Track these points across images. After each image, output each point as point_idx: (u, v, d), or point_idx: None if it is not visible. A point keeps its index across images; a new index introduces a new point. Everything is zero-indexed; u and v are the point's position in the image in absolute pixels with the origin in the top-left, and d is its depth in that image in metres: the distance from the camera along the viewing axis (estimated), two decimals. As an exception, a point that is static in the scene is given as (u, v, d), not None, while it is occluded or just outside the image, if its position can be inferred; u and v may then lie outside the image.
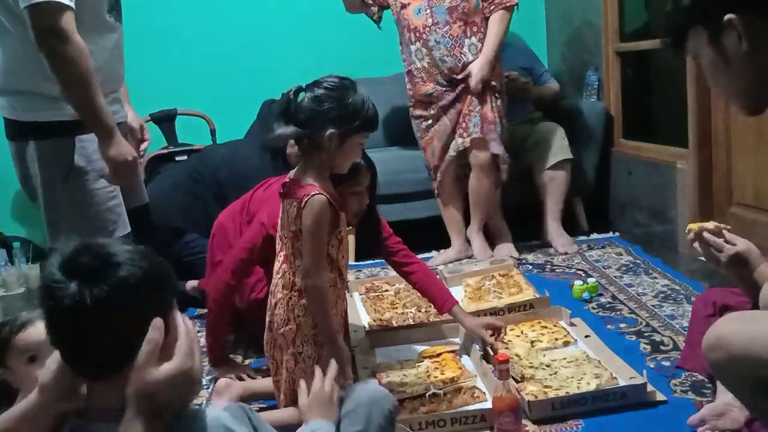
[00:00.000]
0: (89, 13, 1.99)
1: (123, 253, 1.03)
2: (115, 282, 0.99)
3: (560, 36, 4.29)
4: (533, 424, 1.87)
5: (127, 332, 1.00)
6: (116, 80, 2.16)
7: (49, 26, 1.85)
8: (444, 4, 3.11)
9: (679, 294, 2.71)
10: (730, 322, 1.35)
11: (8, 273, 3.24)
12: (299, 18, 4.17)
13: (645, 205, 3.51)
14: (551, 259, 3.32)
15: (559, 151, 3.45)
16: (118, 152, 2.00)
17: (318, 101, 1.78)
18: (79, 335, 1.01)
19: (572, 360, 2.15)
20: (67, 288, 0.98)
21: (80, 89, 1.92)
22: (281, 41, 4.20)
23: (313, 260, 1.82)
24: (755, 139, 2.83)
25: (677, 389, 1.98)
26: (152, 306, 1.03)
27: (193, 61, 4.18)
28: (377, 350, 2.38)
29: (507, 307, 2.58)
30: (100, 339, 1.00)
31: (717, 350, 1.30)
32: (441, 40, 3.13)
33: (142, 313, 1.01)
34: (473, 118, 3.19)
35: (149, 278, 1.03)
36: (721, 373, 1.36)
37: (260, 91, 4.04)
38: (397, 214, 3.34)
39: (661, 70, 3.79)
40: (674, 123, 3.42)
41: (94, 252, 1.02)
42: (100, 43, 2.04)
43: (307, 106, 1.79)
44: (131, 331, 1.00)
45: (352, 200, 2.06)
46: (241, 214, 2.54)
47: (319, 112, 1.78)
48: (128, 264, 1.01)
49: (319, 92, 1.79)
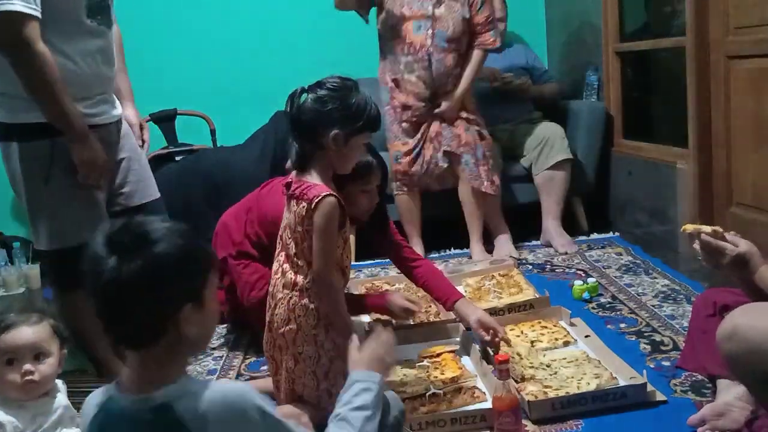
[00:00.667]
0: (65, 18, 2.00)
1: (161, 230, 1.09)
2: (150, 258, 1.06)
3: (560, 36, 4.29)
4: (533, 424, 1.86)
5: (162, 305, 1.07)
6: (102, 83, 2.16)
7: (12, 36, 1.87)
8: (447, 32, 3.22)
9: (679, 294, 2.71)
10: (747, 313, 1.35)
11: (8, 273, 3.24)
12: (300, 18, 4.17)
13: (645, 205, 3.51)
14: (551, 259, 3.32)
15: (559, 151, 3.46)
16: (88, 155, 2.03)
17: (321, 102, 1.78)
18: (117, 307, 1.07)
19: (572, 360, 2.15)
20: (107, 262, 1.05)
21: (46, 95, 1.95)
22: (281, 41, 4.21)
23: (325, 260, 1.82)
24: (755, 139, 2.84)
25: (677, 389, 1.98)
26: (186, 281, 1.10)
27: (193, 61, 4.18)
28: (377, 350, 2.38)
29: (507, 307, 2.58)
30: (134, 311, 1.07)
31: (732, 341, 1.30)
32: (437, 64, 3.24)
33: (176, 287, 1.08)
34: (446, 133, 3.29)
35: (184, 255, 1.09)
36: (734, 364, 1.35)
37: (260, 91, 4.05)
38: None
39: (661, 70, 3.79)
40: (674, 123, 3.43)
41: (133, 229, 1.09)
42: (81, 47, 2.05)
43: (311, 107, 1.79)
44: (166, 304, 1.08)
45: (363, 198, 2.07)
46: (247, 213, 2.55)
47: (322, 113, 1.78)
48: (164, 241, 1.08)
49: (322, 93, 1.79)
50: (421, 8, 3.23)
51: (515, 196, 3.62)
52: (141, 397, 1.09)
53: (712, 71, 3.03)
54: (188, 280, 1.10)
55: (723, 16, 2.95)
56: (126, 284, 1.05)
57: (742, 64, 2.89)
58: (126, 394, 1.12)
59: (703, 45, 3.02)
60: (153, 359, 1.10)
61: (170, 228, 1.10)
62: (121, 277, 1.04)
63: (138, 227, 1.09)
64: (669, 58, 3.55)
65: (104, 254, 1.06)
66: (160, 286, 1.07)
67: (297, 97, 1.81)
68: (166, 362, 1.11)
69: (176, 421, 1.07)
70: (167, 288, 1.07)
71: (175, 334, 1.09)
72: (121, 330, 1.09)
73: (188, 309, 1.09)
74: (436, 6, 3.23)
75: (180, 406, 1.07)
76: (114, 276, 1.05)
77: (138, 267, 1.05)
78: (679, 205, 3.21)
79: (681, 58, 3.17)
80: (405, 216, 3.46)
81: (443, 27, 3.22)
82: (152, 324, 1.08)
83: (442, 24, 3.23)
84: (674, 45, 3.34)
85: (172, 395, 1.08)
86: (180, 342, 1.10)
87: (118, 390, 1.13)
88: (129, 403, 1.11)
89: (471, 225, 3.42)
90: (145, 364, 1.11)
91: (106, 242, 1.07)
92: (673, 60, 3.40)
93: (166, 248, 1.07)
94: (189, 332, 1.10)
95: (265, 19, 4.19)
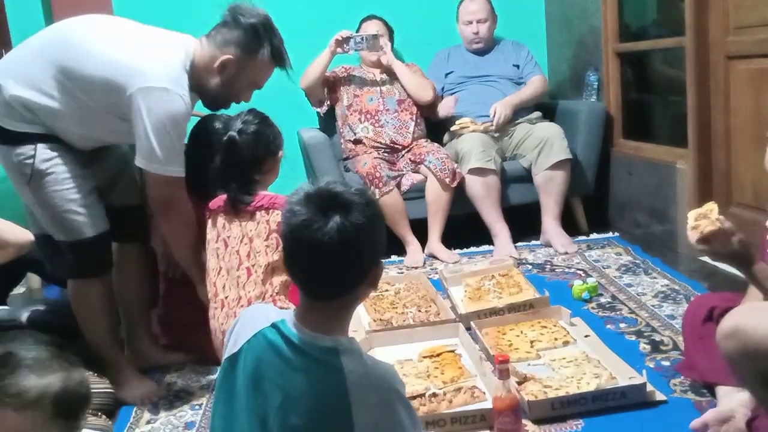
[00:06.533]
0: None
1: (357, 192, 1.23)
2: (369, 214, 1.20)
3: (560, 36, 4.29)
4: (533, 424, 1.87)
5: (373, 257, 1.24)
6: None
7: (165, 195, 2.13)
8: (395, 97, 3.73)
9: (679, 294, 2.71)
10: (748, 312, 1.35)
11: (8, 273, 3.23)
12: (300, 18, 4.16)
13: (645, 205, 3.51)
14: (551, 259, 3.32)
15: (559, 151, 3.45)
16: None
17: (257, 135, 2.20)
18: (334, 261, 1.19)
19: (572, 360, 2.15)
20: (325, 222, 1.16)
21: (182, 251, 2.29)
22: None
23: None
24: (755, 139, 2.83)
25: (677, 389, 1.99)
26: (383, 237, 1.26)
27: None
28: (377, 350, 2.38)
29: (507, 307, 2.58)
30: (348, 264, 1.20)
31: (731, 339, 1.29)
32: (390, 121, 3.68)
33: (381, 241, 1.26)
34: (430, 156, 3.48)
35: (382, 214, 1.26)
36: (734, 363, 1.35)
37: (260, 91, 4.04)
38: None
39: (661, 70, 3.79)
40: (674, 123, 3.43)
41: (334, 193, 1.21)
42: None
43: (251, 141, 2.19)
44: (375, 256, 1.24)
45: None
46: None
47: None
48: (372, 201, 1.24)
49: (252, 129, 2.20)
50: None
51: (515, 196, 3.62)
52: (315, 335, 1.22)
53: (711, 71, 3.03)
54: (384, 234, 1.26)
55: (723, 16, 2.95)
56: (353, 235, 1.17)
57: (741, 65, 2.89)
58: (301, 325, 1.23)
59: (702, 45, 3.02)
60: (334, 310, 1.24)
61: (362, 189, 1.25)
62: (350, 229, 1.16)
63: (336, 190, 1.21)
64: (669, 58, 3.55)
65: (319, 214, 1.17)
66: (379, 236, 1.23)
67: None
68: (343, 315, 1.27)
69: (335, 368, 1.19)
70: (380, 238, 1.24)
71: (363, 287, 1.24)
72: (336, 280, 1.21)
73: (381, 261, 1.27)
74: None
75: (344, 357, 1.20)
76: (343, 228, 1.16)
77: (364, 219, 1.18)
78: (678, 205, 3.21)
79: (681, 59, 3.17)
80: (395, 217, 3.45)
81: (390, 94, 3.75)
82: (360, 273, 1.22)
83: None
84: (674, 45, 3.34)
85: (343, 345, 1.22)
86: (361, 296, 1.27)
87: (295, 319, 1.25)
88: (301, 334, 1.23)
89: (434, 222, 3.47)
90: (327, 313, 1.24)
91: (316, 205, 1.18)
92: (673, 60, 3.40)
93: (379, 206, 1.24)
94: (376, 286, 1.27)
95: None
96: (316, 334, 1.22)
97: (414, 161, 3.57)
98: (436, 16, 4.16)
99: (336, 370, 1.18)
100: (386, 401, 1.21)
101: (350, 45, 3.63)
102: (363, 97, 3.74)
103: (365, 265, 1.22)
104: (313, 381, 1.20)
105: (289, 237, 1.21)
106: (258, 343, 1.26)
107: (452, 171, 3.42)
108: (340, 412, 1.17)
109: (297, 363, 1.21)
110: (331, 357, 1.20)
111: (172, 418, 2.12)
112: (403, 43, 3.93)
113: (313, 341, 1.21)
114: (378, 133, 3.67)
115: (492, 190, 3.45)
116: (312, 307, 1.25)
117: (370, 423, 1.18)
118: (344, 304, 1.25)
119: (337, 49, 3.63)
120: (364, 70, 3.83)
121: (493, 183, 3.45)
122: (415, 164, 3.57)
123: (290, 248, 1.23)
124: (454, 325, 2.46)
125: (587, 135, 3.68)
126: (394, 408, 1.21)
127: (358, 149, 3.69)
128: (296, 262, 1.24)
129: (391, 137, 3.67)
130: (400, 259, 3.47)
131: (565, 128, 3.56)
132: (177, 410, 2.16)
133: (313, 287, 1.24)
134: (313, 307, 1.25)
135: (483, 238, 3.53)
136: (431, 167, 3.45)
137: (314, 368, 1.20)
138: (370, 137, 3.68)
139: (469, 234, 3.57)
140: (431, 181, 3.46)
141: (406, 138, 3.69)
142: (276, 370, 1.22)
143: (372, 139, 3.67)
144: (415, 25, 4.11)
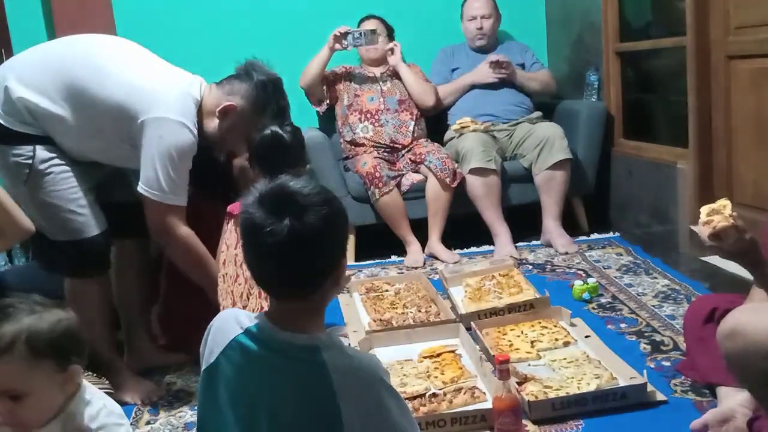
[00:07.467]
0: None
1: (320, 190, 1.21)
2: (327, 212, 1.19)
3: (560, 36, 4.29)
4: (533, 424, 1.86)
5: (333, 255, 1.22)
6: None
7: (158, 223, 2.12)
8: (395, 97, 3.72)
9: (680, 294, 2.71)
10: (748, 312, 1.34)
11: (8, 273, 3.23)
12: (299, 18, 4.16)
13: (645, 205, 3.51)
14: (551, 259, 3.32)
15: (559, 151, 3.45)
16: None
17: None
18: (295, 260, 1.17)
19: (572, 360, 2.15)
20: (281, 222, 1.15)
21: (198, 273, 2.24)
22: (281, 41, 4.19)
23: None
24: (755, 138, 2.84)
25: (677, 389, 1.98)
26: (343, 234, 1.26)
27: (194, 60, 4.16)
28: (377, 350, 2.38)
29: (507, 307, 2.58)
30: (309, 262, 1.18)
31: (732, 339, 1.29)
32: (390, 121, 3.67)
33: (341, 238, 1.25)
34: (430, 156, 3.47)
35: (342, 210, 1.24)
36: (734, 363, 1.34)
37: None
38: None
39: (661, 70, 3.79)
40: (674, 123, 3.43)
41: (288, 192, 1.20)
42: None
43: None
44: (336, 254, 1.23)
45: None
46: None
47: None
48: (334, 200, 1.23)
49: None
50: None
51: (515, 196, 3.61)
52: (291, 335, 1.21)
53: (712, 71, 3.03)
54: (344, 233, 1.26)
55: (723, 16, 2.95)
56: (307, 237, 1.15)
57: (742, 64, 2.88)
58: (276, 327, 1.22)
59: (703, 45, 3.02)
60: (304, 309, 1.23)
61: (322, 188, 1.23)
62: (303, 231, 1.15)
63: (289, 189, 1.20)
64: (669, 58, 3.55)
65: (271, 217, 1.15)
66: (336, 236, 1.22)
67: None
68: (313, 313, 1.25)
69: (318, 364, 1.18)
70: (338, 239, 1.24)
71: (330, 282, 1.22)
72: (294, 281, 1.20)
73: (344, 259, 1.25)
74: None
75: (326, 353, 1.19)
76: (294, 231, 1.14)
77: (317, 221, 1.16)
78: (679, 205, 3.21)
79: (681, 58, 3.17)
80: (395, 217, 3.46)
81: (392, 94, 3.75)
82: (320, 273, 1.20)
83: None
84: (674, 45, 3.33)
85: (322, 342, 1.21)
86: (327, 295, 1.25)
87: (267, 321, 1.24)
88: (278, 335, 1.21)
89: (434, 222, 3.47)
90: (297, 313, 1.22)
91: (269, 206, 1.17)
92: (674, 60, 3.40)
93: (339, 204, 1.23)
94: (343, 281, 1.26)
95: (265, 19, 4.18)
96: (292, 334, 1.21)
97: (414, 161, 3.58)
98: (436, 15, 4.16)
99: (319, 366, 1.18)
100: (373, 391, 1.20)
101: (348, 41, 3.63)
102: (364, 97, 3.74)
103: (324, 265, 1.21)
104: (296, 380, 1.19)
105: (244, 239, 1.22)
106: (234, 353, 1.24)
107: (452, 171, 3.42)
108: (328, 408, 1.16)
109: (278, 365, 1.20)
110: (313, 354, 1.19)
111: (172, 418, 2.12)
112: (403, 42, 3.92)
113: (292, 341, 1.21)
114: (378, 133, 3.68)
115: (492, 190, 3.45)
116: (282, 308, 1.25)
117: (358, 414, 1.17)
118: (311, 302, 1.24)
119: (336, 45, 3.63)
120: (365, 69, 3.83)
121: (494, 183, 3.45)
122: (415, 164, 3.57)
123: (246, 250, 1.23)
124: (454, 325, 2.46)
125: (588, 135, 3.68)
126: (382, 397, 1.20)
127: (358, 149, 3.69)
128: (253, 264, 1.23)
129: (391, 137, 3.67)
130: (401, 260, 3.47)
131: (566, 128, 3.56)
132: (176, 411, 2.16)
133: (273, 288, 1.25)
134: (283, 308, 1.24)
135: (483, 238, 3.54)
136: (431, 167, 3.45)
137: (296, 368, 1.19)
138: (370, 137, 3.68)
139: (470, 234, 3.58)
140: (431, 181, 3.46)
141: (406, 137, 3.69)
142: (257, 376, 1.21)
143: (372, 139, 3.67)
144: (416, 25, 4.11)
